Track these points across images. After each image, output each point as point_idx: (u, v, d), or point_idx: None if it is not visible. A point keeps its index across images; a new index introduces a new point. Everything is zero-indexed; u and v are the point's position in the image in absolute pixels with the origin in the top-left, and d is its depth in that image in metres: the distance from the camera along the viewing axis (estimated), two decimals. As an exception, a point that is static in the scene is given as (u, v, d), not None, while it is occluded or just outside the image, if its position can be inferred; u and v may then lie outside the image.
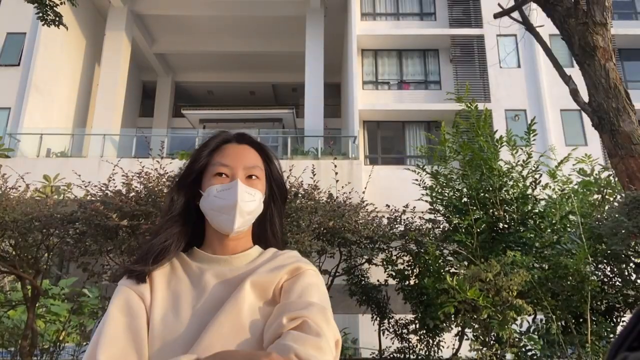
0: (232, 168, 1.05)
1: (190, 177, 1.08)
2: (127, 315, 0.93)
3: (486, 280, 3.65)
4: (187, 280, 1.01)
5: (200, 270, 1.02)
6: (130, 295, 0.97)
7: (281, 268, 1.01)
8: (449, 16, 16.32)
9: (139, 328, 0.92)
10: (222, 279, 1.00)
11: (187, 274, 1.02)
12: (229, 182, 1.03)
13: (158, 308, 0.95)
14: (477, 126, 4.64)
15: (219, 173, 1.05)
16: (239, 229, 1.01)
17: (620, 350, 0.43)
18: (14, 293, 5.97)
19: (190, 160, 1.11)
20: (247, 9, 17.07)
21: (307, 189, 4.89)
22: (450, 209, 4.65)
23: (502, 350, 3.85)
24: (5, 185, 4.85)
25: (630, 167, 4.57)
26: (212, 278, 1.00)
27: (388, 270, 5.02)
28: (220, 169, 1.05)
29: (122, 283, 1.01)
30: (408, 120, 15.75)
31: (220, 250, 1.06)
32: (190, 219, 1.08)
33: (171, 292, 0.98)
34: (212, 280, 1.00)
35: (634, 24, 16.03)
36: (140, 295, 0.97)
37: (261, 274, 0.99)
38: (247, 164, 1.07)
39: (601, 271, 4.32)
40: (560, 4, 5.22)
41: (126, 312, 0.94)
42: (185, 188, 1.09)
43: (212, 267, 1.02)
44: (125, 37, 16.82)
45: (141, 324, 0.93)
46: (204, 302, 0.96)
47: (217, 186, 1.03)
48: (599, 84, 4.85)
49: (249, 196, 1.03)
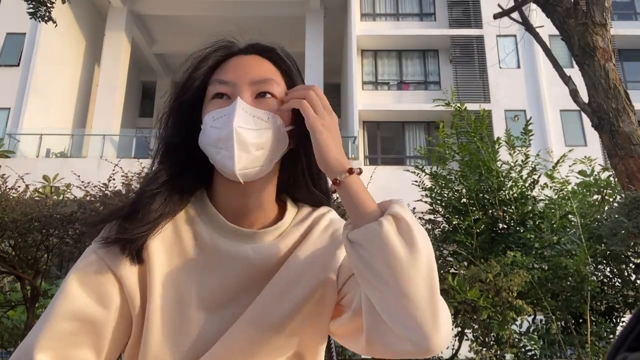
0: (233, 85, 0.75)
1: (183, 107, 0.78)
2: (91, 296, 0.69)
3: (486, 281, 3.65)
4: (196, 257, 0.75)
5: (213, 244, 0.75)
6: (103, 272, 0.71)
7: (329, 248, 0.78)
8: (448, 17, 16.32)
9: (103, 320, 0.69)
10: (243, 263, 0.75)
11: (197, 246, 0.76)
12: (229, 105, 0.73)
13: (157, 297, 0.72)
14: (474, 128, 4.64)
15: (218, 94, 0.75)
16: (244, 170, 0.71)
17: (620, 351, 0.43)
18: (13, 293, 5.96)
19: (180, 83, 0.79)
20: (247, 9, 17.06)
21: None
22: (449, 210, 4.66)
23: (501, 350, 3.84)
24: (5, 186, 4.85)
25: (630, 167, 4.57)
26: (229, 259, 0.75)
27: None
28: (219, 88, 0.75)
29: (94, 250, 0.73)
30: (408, 121, 15.75)
31: (237, 209, 0.78)
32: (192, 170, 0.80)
33: (174, 273, 0.74)
34: (229, 263, 0.75)
35: (633, 25, 16.03)
36: (119, 278, 0.71)
37: (301, 261, 0.76)
38: (255, 77, 0.76)
39: (601, 272, 4.32)
40: (559, 5, 5.22)
41: (90, 292, 0.70)
42: (183, 121, 0.78)
43: (228, 242, 0.76)
44: (125, 38, 16.81)
45: (109, 316, 0.70)
46: (217, 297, 0.74)
47: (214, 112, 0.73)
48: (598, 84, 4.85)
49: (255, 121, 0.72)
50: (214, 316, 0.73)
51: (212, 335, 0.72)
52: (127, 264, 0.72)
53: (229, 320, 0.73)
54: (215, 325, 0.73)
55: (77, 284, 0.70)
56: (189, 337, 0.72)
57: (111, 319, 0.70)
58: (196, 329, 0.72)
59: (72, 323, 0.68)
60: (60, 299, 0.69)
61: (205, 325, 0.72)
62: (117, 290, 0.71)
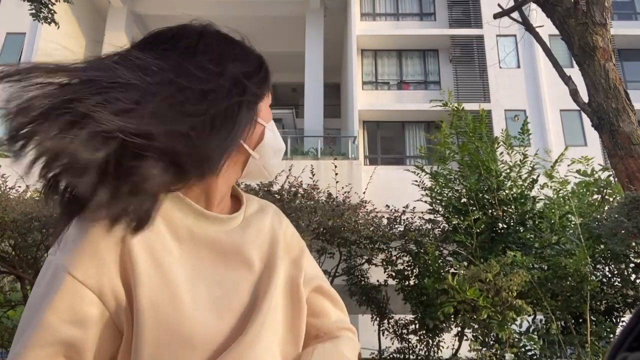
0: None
1: (255, 89, 0.74)
2: (66, 320, 0.61)
3: (486, 281, 3.65)
4: (176, 251, 0.69)
5: (189, 232, 0.71)
6: (77, 292, 0.62)
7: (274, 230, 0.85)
8: (448, 16, 16.32)
9: (83, 339, 0.62)
10: (219, 247, 0.73)
11: (175, 239, 0.70)
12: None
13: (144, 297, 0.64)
14: (473, 128, 4.65)
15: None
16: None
17: (620, 351, 0.43)
18: (13, 293, 5.97)
19: (256, 63, 0.77)
20: (247, 9, 17.07)
21: (306, 189, 4.90)
22: (449, 210, 4.66)
23: (501, 350, 3.84)
24: (5, 186, 4.85)
25: (630, 167, 4.57)
26: (207, 246, 0.72)
27: (388, 271, 5.02)
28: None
29: (64, 263, 0.63)
30: (408, 121, 15.75)
31: (216, 202, 0.76)
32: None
33: (159, 268, 0.66)
34: (207, 249, 0.72)
35: (633, 25, 16.04)
36: (97, 292, 0.62)
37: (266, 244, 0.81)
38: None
39: (600, 271, 4.32)
40: (559, 4, 5.22)
41: (65, 316, 0.61)
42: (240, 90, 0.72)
43: (203, 229, 0.73)
44: (125, 38, 16.82)
45: (88, 334, 0.62)
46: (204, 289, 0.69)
47: (273, 124, 0.83)
48: (598, 84, 4.85)
49: None
50: (205, 309, 0.68)
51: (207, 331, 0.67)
52: (104, 271, 0.63)
53: (221, 311, 0.69)
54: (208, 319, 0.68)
55: (50, 312, 0.61)
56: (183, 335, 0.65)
57: (91, 336, 0.62)
58: (191, 326, 0.66)
59: (48, 349, 0.60)
60: (32, 329, 0.61)
61: (199, 320, 0.66)
62: (96, 307, 0.63)
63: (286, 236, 0.86)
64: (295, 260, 0.84)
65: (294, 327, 0.79)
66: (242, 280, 0.74)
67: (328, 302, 0.88)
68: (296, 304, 0.79)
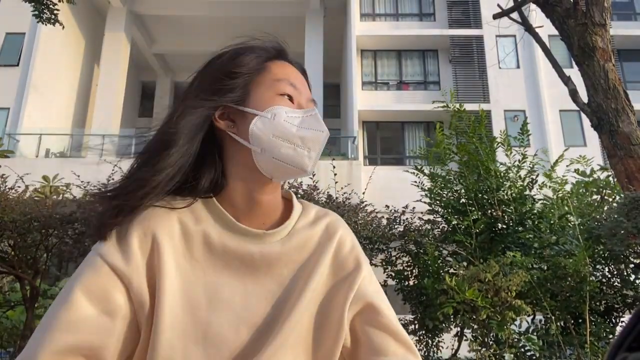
0: (300, 93, 0.77)
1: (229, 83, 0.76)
2: (96, 305, 0.64)
3: (485, 281, 3.65)
4: (205, 258, 0.71)
5: (222, 244, 0.72)
6: (108, 277, 0.66)
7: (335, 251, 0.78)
8: (448, 17, 16.33)
9: (108, 331, 0.64)
10: (251, 263, 0.72)
11: (206, 246, 0.71)
12: (303, 109, 0.75)
13: (166, 299, 0.66)
14: (472, 128, 4.65)
15: (286, 94, 0.75)
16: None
17: (619, 351, 0.43)
18: (12, 293, 5.96)
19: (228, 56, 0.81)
20: (246, 9, 17.06)
21: (306, 189, 4.89)
22: (449, 210, 4.66)
23: (501, 350, 3.84)
24: (5, 186, 4.84)
25: (629, 167, 4.57)
26: (238, 260, 0.72)
27: (387, 271, 5.02)
28: (288, 88, 0.75)
29: (99, 251, 0.68)
30: (407, 121, 15.76)
31: (250, 208, 0.75)
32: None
33: (183, 274, 0.69)
34: (238, 264, 0.72)
35: (633, 25, 16.05)
36: (126, 282, 0.66)
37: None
38: (309, 96, 0.80)
39: (600, 272, 4.33)
40: (559, 5, 5.22)
41: (95, 301, 0.64)
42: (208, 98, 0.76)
43: (237, 242, 0.72)
44: (125, 37, 16.81)
45: (115, 326, 0.64)
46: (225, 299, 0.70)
47: (291, 110, 0.73)
48: (598, 84, 4.86)
49: None
50: (223, 319, 0.68)
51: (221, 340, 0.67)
52: (134, 261, 0.67)
53: (239, 323, 0.69)
54: (225, 329, 0.68)
55: (81, 292, 0.64)
56: (197, 342, 0.67)
57: (117, 329, 0.65)
58: (205, 333, 0.67)
59: (75, 335, 0.62)
60: (62, 309, 0.63)
61: (215, 328, 0.67)
62: (124, 296, 0.66)
63: (340, 252, 0.79)
64: (346, 278, 0.77)
65: (323, 348, 0.73)
66: (269, 295, 0.72)
67: (389, 338, 0.76)
68: (334, 324, 0.73)
